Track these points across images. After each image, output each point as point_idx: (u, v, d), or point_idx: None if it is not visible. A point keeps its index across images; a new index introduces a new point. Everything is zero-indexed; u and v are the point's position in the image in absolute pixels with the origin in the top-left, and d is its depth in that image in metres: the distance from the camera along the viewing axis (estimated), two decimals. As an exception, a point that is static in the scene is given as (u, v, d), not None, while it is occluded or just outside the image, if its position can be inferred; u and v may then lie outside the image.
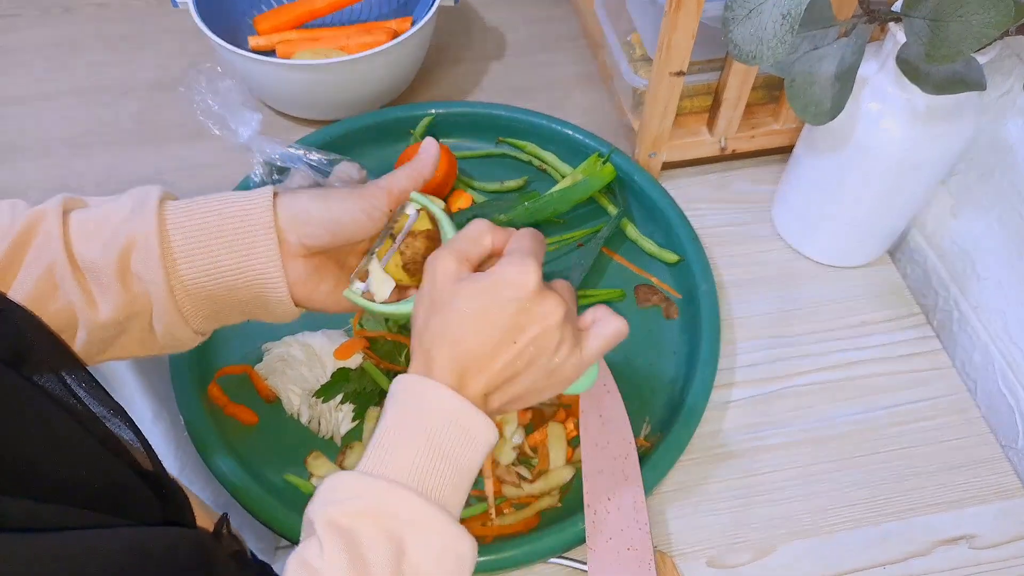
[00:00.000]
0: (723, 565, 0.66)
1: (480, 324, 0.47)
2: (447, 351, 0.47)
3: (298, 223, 0.52)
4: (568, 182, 0.84)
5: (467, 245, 0.50)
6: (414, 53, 0.93)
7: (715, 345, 0.73)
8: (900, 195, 0.74)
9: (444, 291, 0.48)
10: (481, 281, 0.48)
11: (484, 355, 0.47)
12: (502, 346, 0.47)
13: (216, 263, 0.50)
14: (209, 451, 0.66)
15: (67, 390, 0.43)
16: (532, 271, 0.47)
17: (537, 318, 0.47)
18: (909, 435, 0.73)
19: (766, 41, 0.60)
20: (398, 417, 0.47)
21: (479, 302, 0.47)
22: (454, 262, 0.49)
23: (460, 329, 0.47)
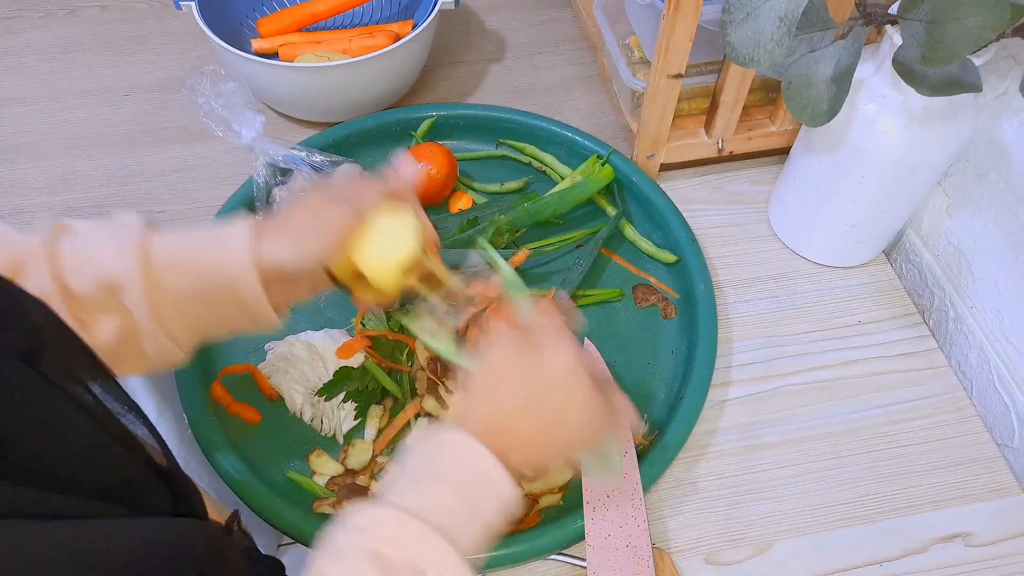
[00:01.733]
0: (720, 562, 0.67)
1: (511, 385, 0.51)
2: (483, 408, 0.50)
3: (274, 269, 0.53)
4: (567, 183, 0.85)
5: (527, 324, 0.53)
6: (415, 56, 0.93)
7: (712, 344, 0.74)
8: (896, 196, 0.75)
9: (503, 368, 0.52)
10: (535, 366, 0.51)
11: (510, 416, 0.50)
12: (528, 411, 0.51)
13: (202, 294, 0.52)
14: (213, 449, 0.67)
15: (82, 386, 0.44)
16: (568, 348, 0.52)
17: (566, 388, 0.51)
18: (905, 434, 0.74)
19: (763, 44, 0.61)
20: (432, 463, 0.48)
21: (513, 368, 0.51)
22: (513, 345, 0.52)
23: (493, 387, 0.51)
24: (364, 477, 0.68)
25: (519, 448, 0.49)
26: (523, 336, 0.53)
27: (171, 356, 0.54)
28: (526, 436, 0.50)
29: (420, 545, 0.44)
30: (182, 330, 0.53)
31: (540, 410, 0.51)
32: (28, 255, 0.49)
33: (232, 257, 0.52)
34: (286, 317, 0.57)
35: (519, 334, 0.53)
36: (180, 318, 0.52)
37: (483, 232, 0.80)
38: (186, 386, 0.70)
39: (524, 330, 0.53)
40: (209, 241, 0.53)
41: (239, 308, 0.53)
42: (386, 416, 0.72)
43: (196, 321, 0.54)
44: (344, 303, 0.79)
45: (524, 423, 0.50)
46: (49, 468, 0.38)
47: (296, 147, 0.83)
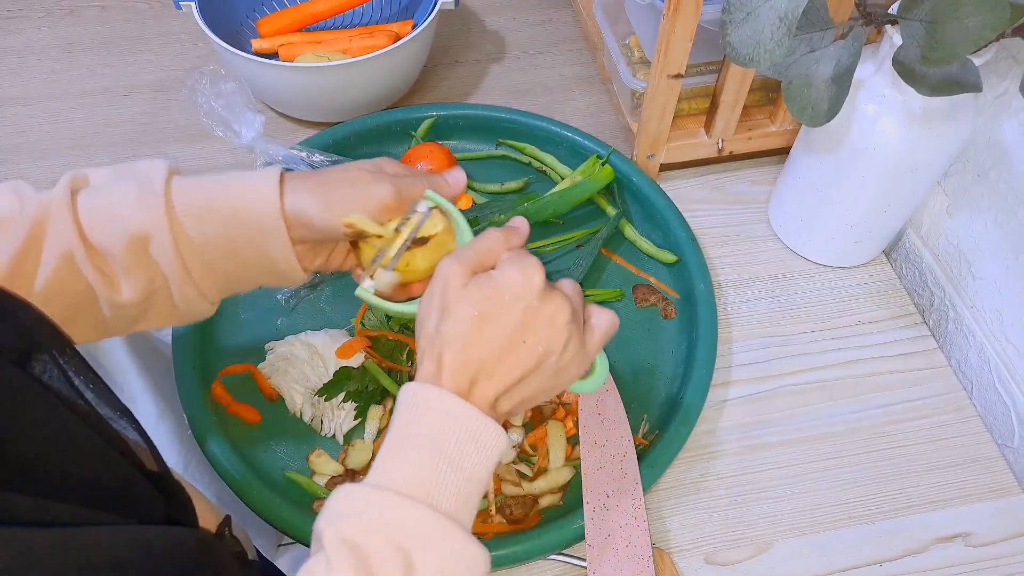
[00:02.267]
0: (720, 562, 0.67)
1: (488, 328, 0.47)
2: (457, 356, 0.46)
3: (300, 224, 0.52)
4: (567, 183, 0.85)
5: (478, 255, 0.50)
6: (415, 56, 0.94)
7: (712, 344, 0.74)
8: (896, 196, 0.75)
9: (452, 297, 0.48)
10: (486, 285, 0.48)
11: (493, 358, 0.47)
12: (511, 348, 0.47)
13: (229, 245, 0.52)
14: (212, 449, 0.67)
15: (74, 390, 0.44)
16: (535, 271, 0.48)
17: (544, 318, 0.48)
18: (905, 434, 0.74)
19: (763, 44, 0.61)
20: (405, 427, 0.46)
21: (486, 306, 0.47)
22: (463, 269, 0.49)
23: (469, 334, 0.47)
24: (364, 477, 0.68)
25: (504, 390, 0.47)
26: (477, 265, 0.49)
27: (198, 308, 0.54)
28: (509, 376, 0.47)
29: (396, 519, 0.43)
30: (209, 281, 0.53)
31: (520, 344, 0.47)
32: (51, 212, 0.48)
33: (259, 205, 0.51)
34: (310, 274, 0.56)
35: (471, 263, 0.49)
36: (207, 269, 0.52)
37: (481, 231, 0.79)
38: (186, 386, 0.70)
39: (476, 258, 0.49)
40: (236, 188, 0.52)
41: (265, 258, 0.53)
42: (386, 416, 0.72)
43: (223, 271, 0.53)
44: (344, 304, 0.79)
45: (506, 363, 0.47)
46: (39, 473, 0.38)
47: (296, 147, 0.83)
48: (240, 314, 0.78)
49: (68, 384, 0.44)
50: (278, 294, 0.79)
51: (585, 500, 0.64)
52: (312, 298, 0.80)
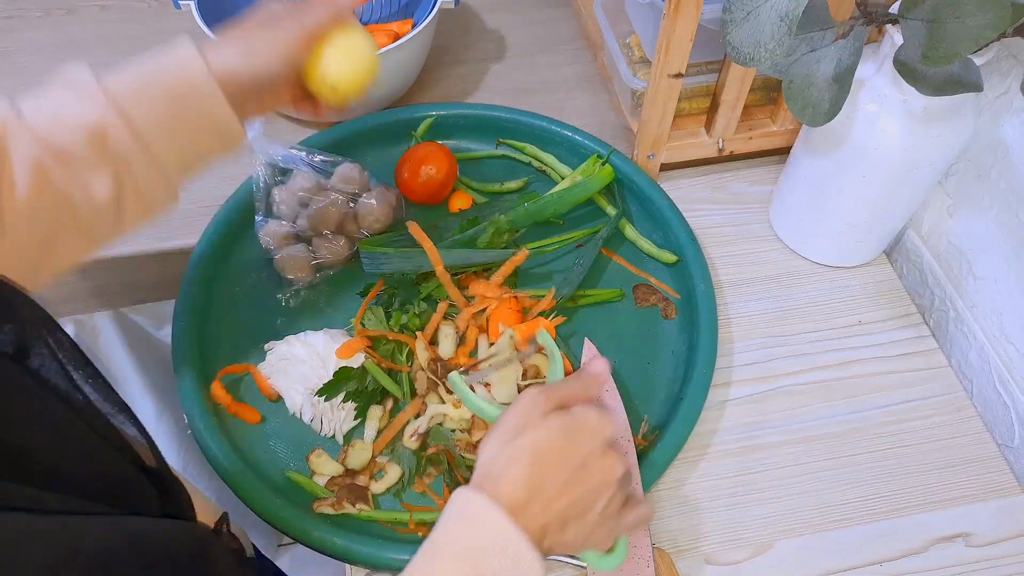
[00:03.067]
0: (721, 562, 0.67)
1: (557, 458, 0.48)
2: (521, 473, 0.47)
3: (230, 80, 0.55)
4: (567, 183, 0.85)
5: (563, 395, 0.52)
6: (415, 55, 0.93)
7: (713, 344, 0.74)
8: (897, 196, 0.75)
9: (532, 421, 0.49)
10: (565, 418, 0.50)
11: (553, 487, 0.48)
12: (570, 484, 0.48)
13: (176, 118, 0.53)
14: (212, 449, 0.67)
15: (72, 385, 0.44)
16: (609, 423, 0.51)
17: (605, 467, 0.49)
18: (906, 434, 0.74)
19: (764, 43, 0.61)
20: (452, 530, 0.47)
21: (562, 437, 0.49)
22: (548, 400, 0.51)
23: (538, 456, 0.48)
24: (364, 477, 0.68)
25: (552, 522, 0.48)
26: (561, 402, 0.51)
27: (163, 196, 0.55)
28: (561, 510, 0.48)
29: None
30: (170, 160, 0.54)
31: (579, 483, 0.49)
32: (6, 128, 0.48)
33: (190, 72, 0.53)
34: (250, 127, 0.60)
35: (556, 398, 0.51)
36: (164, 148, 0.53)
37: (483, 232, 0.79)
38: (186, 386, 0.70)
39: (561, 395, 0.52)
40: (163, 65, 0.53)
41: (209, 121, 0.54)
42: (386, 416, 0.72)
43: (177, 147, 0.54)
44: (344, 304, 0.79)
45: (563, 496, 0.48)
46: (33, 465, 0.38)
47: (295, 147, 0.83)
48: (240, 314, 0.78)
49: (67, 378, 0.44)
50: (278, 294, 0.79)
51: None
52: (312, 298, 0.79)
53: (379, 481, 0.68)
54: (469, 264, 0.78)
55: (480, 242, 0.79)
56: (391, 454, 0.70)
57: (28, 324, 0.43)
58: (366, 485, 0.68)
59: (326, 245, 0.79)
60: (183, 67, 0.53)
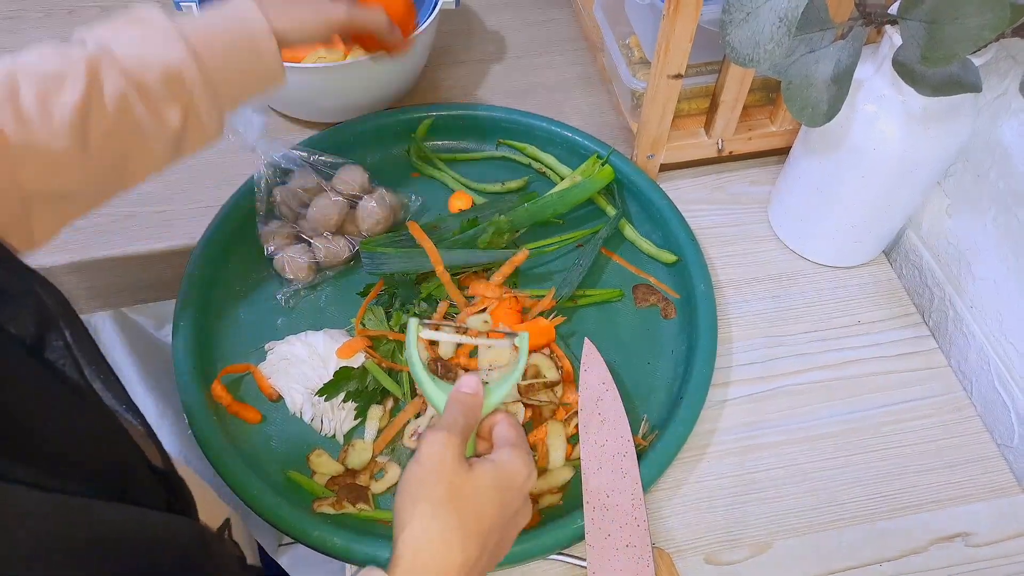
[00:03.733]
0: (720, 562, 0.67)
1: (495, 518, 0.50)
2: (458, 557, 0.47)
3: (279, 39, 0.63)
4: (567, 183, 0.85)
5: (463, 427, 0.52)
6: (416, 55, 0.93)
7: (712, 344, 0.74)
8: (896, 196, 0.75)
9: (459, 475, 0.49)
10: (497, 473, 0.51)
11: (488, 552, 0.49)
12: (502, 541, 0.51)
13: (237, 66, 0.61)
14: (212, 448, 0.67)
15: (83, 379, 0.44)
16: (532, 469, 0.53)
17: (524, 512, 0.53)
18: (905, 434, 0.74)
19: (763, 44, 0.61)
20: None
21: (498, 498, 0.50)
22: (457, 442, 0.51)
23: (475, 526, 0.49)
24: (364, 477, 0.68)
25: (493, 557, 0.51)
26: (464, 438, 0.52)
27: (217, 127, 0.62)
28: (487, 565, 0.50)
29: None
30: (227, 99, 0.61)
31: (504, 545, 0.52)
32: (100, 63, 0.54)
33: (251, 27, 0.61)
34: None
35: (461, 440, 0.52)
36: (226, 89, 0.60)
37: (483, 232, 0.80)
38: (186, 386, 0.70)
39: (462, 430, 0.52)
40: (229, 18, 0.61)
41: (260, 66, 0.62)
42: (386, 416, 0.72)
43: (235, 90, 0.62)
44: (344, 304, 0.79)
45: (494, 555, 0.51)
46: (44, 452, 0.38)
47: (297, 147, 0.83)
48: (240, 314, 0.78)
49: (79, 373, 0.44)
50: (278, 294, 0.79)
51: (585, 500, 0.65)
52: (312, 298, 0.80)
53: (379, 481, 0.68)
54: (469, 264, 0.79)
55: (480, 242, 0.79)
56: (391, 454, 0.70)
57: (48, 312, 0.44)
58: (366, 485, 0.68)
59: (326, 246, 0.79)
60: (247, 21, 0.61)
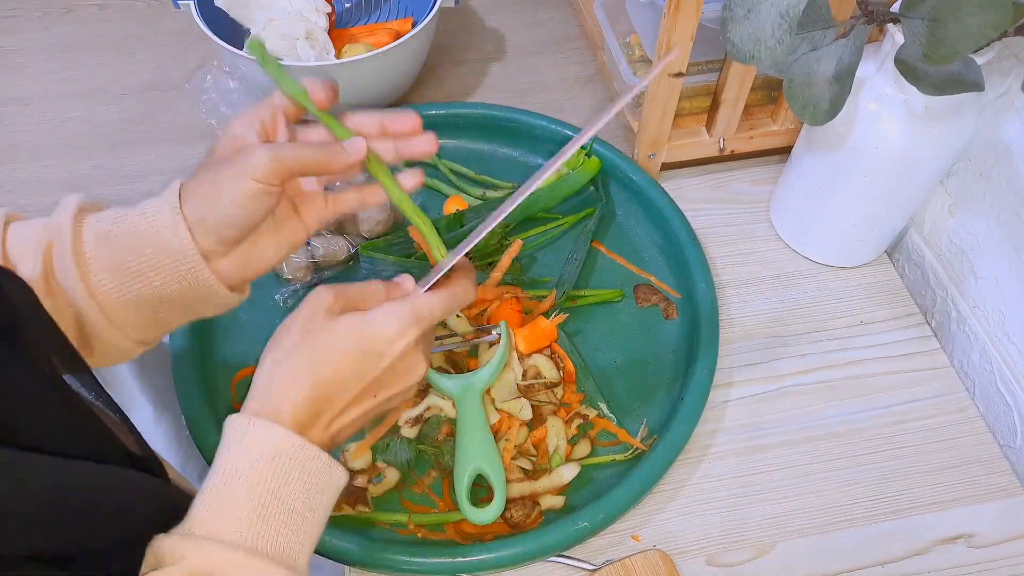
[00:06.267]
0: (722, 563, 0.66)
1: (346, 372, 0.45)
2: (303, 391, 0.44)
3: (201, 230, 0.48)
4: (554, 177, 0.85)
5: (359, 292, 0.48)
6: (415, 54, 0.93)
7: (713, 344, 0.74)
8: (898, 195, 0.75)
9: (317, 325, 0.46)
10: (360, 327, 0.46)
11: (341, 403, 0.46)
12: (361, 398, 0.46)
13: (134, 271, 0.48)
14: (212, 449, 0.66)
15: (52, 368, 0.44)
16: (412, 333, 0.46)
17: (401, 375, 0.47)
18: (907, 434, 0.74)
19: (764, 42, 0.60)
20: (229, 463, 0.43)
21: (351, 347, 0.45)
22: (333, 296, 0.47)
23: (324, 371, 0.45)
24: (363, 478, 0.68)
25: (339, 435, 0.47)
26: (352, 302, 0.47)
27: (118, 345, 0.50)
28: (348, 423, 0.47)
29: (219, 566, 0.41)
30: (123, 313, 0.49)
31: (373, 399, 0.47)
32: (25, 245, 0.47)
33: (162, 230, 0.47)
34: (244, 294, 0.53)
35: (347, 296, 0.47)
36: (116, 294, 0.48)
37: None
38: (185, 387, 0.70)
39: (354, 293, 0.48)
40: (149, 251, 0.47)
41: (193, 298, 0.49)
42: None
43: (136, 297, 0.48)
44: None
45: (353, 407, 0.46)
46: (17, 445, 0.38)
47: (295, 146, 0.82)
48: (239, 315, 0.78)
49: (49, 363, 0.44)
50: (276, 294, 0.79)
51: None
52: (311, 298, 0.79)
53: (377, 485, 0.68)
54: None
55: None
56: (387, 452, 0.69)
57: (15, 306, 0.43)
58: (365, 487, 0.67)
59: (325, 245, 0.79)
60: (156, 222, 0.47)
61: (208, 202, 0.47)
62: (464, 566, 0.62)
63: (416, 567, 0.62)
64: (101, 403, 0.46)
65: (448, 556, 0.62)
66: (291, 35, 0.89)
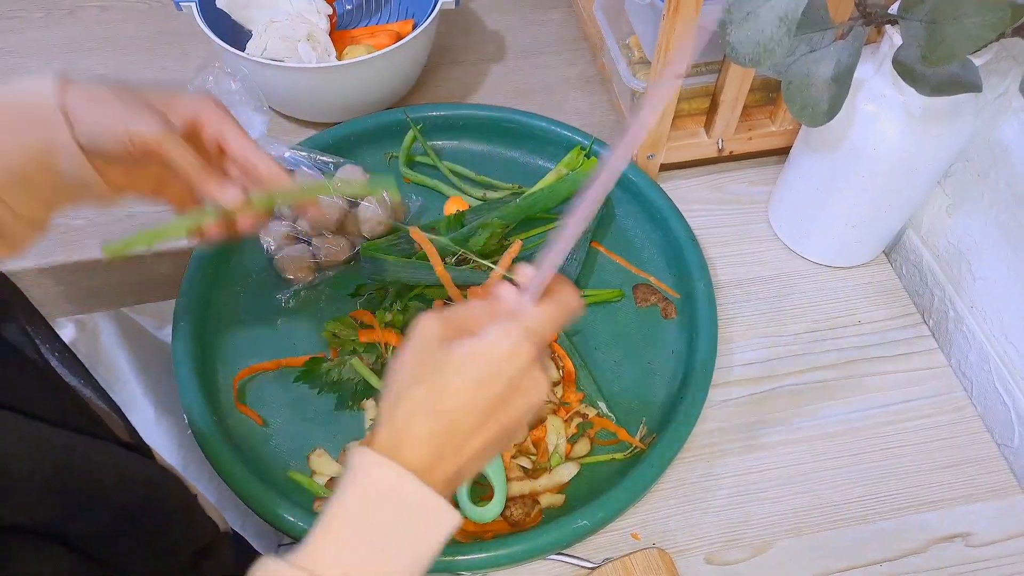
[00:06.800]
0: (721, 562, 0.67)
1: (467, 398, 0.43)
2: (427, 425, 0.43)
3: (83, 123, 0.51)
4: (553, 177, 0.85)
5: (465, 315, 0.46)
6: (416, 55, 0.93)
7: (712, 344, 0.74)
8: (896, 196, 0.75)
9: (430, 358, 0.44)
10: (471, 349, 0.44)
11: (466, 431, 0.43)
12: (485, 423, 0.44)
13: None
14: (212, 448, 0.67)
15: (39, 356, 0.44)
16: (527, 349, 0.44)
17: (526, 391, 0.45)
18: (905, 434, 0.74)
19: (763, 43, 0.61)
20: (348, 502, 0.42)
21: (469, 373, 0.43)
22: (442, 326, 0.45)
23: (446, 402, 0.43)
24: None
25: (470, 467, 0.44)
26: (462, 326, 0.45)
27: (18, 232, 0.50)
28: (474, 453, 0.44)
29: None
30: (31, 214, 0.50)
31: (496, 425, 0.44)
32: None
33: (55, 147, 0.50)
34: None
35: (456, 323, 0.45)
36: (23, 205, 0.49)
37: (475, 232, 0.80)
38: (186, 386, 0.70)
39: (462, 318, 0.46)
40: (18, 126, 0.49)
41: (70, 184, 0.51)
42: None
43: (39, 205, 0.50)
44: (344, 304, 0.79)
45: (476, 438, 0.44)
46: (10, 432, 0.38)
47: (297, 147, 0.83)
48: (240, 314, 0.78)
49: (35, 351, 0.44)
50: (278, 294, 0.79)
51: None
52: (312, 298, 0.80)
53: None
54: (469, 283, 0.78)
55: (473, 243, 0.79)
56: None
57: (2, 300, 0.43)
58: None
59: (326, 246, 0.79)
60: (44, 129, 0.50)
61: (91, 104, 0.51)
62: (464, 564, 0.62)
63: (416, 565, 0.62)
64: (90, 391, 0.46)
65: (448, 554, 0.62)
66: (292, 37, 0.89)
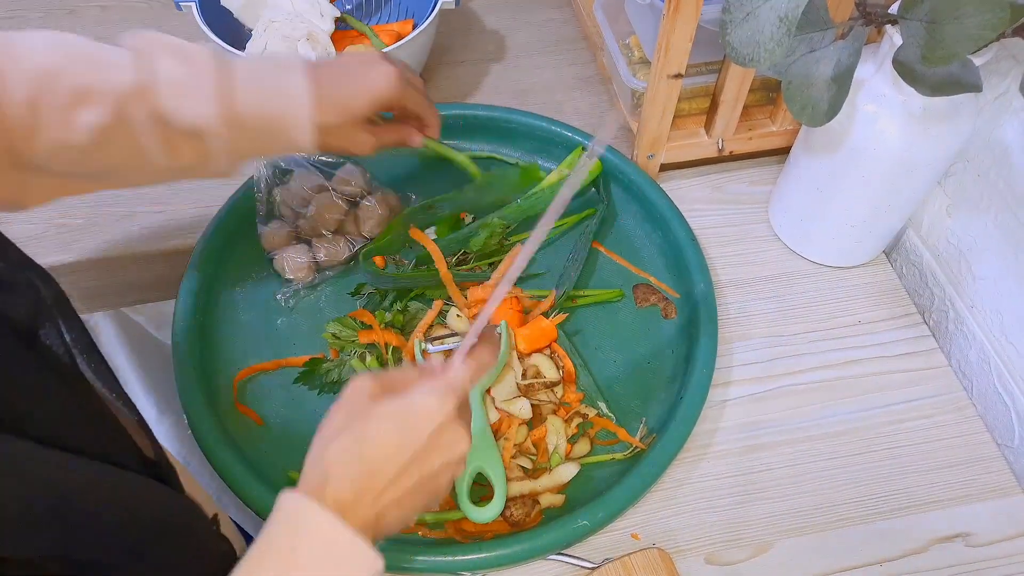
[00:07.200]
0: (721, 562, 0.67)
1: (390, 448, 0.46)
2: (350, 469, 0.46)
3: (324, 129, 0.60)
4: (554, 177, 0.85)
5: (397, 377, 0.50)
6: (416, 55, 0.93)
7: (712, 344, 0.74)
8: (896, 196, 0.75)
9: (359, 409, 0.48)
10: (397, 404, 0.48)
11: (386, 478, 0.46)
12: (406, 472, 0.47)
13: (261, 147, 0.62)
14: (212, 448, 0.67)
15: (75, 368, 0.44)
16: (449, 405, 0.48)
17: (444, 447, 0.48)
18: (905, 434, 0.74)
19: (763, 43, 0.61)
20: (276, 538, 0.45)
21: (392, 425, 0.47)
22: (373, 383, 0.49)
23: (368, 449, 0.46)
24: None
25: (391, 514, 0.47)
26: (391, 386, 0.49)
27: (227, 172, 0.61)
28: (393, 500, 0.47)
29: None
30: (247, 155, 0.61)
31: (415, 476, 0.47)
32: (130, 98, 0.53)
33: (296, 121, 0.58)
34: None
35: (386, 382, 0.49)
36: (247, 151, 0.60)
37: (475, 233, 0.80)
38: (186, 386, 0.70)
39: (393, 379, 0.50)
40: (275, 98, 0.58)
41: (291, 148, 0.61)
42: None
43: (255, 151, 0.62)
44: (344, 304, 0.79)
45: (396, 491, 0.47)
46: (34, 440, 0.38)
47: (296, 147, 0.83)
48: (240, 314, 0.78)
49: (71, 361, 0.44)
50: (278, 294, 0.79)
51: None
52: (312, 298, 0.80)
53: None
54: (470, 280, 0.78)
55: (473, 243, 0.79)
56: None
57: (43, 301, 0.44)
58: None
59: (326, 246, 0.79)
60: (291, 107, 0.58)
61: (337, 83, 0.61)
62: (464, 564, 0.62)
63: (416, 565, 0.62)
64: (117, 399, 0.46)
65: (448, 554, 0.62)
66: (292, 36, 0.89)
